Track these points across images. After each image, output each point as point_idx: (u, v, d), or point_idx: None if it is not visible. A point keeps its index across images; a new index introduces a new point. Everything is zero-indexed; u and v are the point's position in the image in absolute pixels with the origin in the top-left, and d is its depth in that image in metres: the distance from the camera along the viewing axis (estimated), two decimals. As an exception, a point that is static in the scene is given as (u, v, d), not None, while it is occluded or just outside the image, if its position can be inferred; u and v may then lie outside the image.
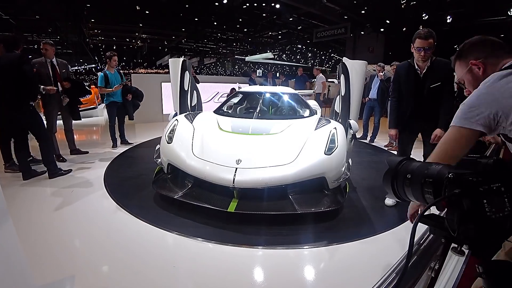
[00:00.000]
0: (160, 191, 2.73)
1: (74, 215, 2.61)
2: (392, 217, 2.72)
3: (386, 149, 5.52)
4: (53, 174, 3.43)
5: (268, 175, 2.46)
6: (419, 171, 0.72)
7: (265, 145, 2.84)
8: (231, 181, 2.38)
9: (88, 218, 2.55)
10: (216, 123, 3.30)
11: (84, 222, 2.48)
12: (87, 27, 20.63)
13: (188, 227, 2.36)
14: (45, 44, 3.89)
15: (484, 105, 0.95)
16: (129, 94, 4.93)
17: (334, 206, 2.52)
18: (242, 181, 2.40)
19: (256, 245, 2.18)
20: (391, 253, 2.12)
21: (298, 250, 2.16)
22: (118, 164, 4.16)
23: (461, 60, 1.20)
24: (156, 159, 3.05)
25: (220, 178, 2.44)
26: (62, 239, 2.21)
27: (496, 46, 1.12)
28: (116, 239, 2.25)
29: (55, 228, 2.37)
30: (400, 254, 1.94)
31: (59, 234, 2.28)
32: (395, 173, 0.78)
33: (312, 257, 2.11)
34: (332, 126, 3.09)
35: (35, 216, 2.57)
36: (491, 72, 1.07)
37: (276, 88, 4.72)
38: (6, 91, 3.11)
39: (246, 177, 2.42)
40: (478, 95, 1.00)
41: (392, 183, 0.78)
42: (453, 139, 1.01)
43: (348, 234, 2.38)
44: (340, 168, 2.68)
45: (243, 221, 2.44)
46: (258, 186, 2.44)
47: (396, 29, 14.36)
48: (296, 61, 34.61)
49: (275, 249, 2.15)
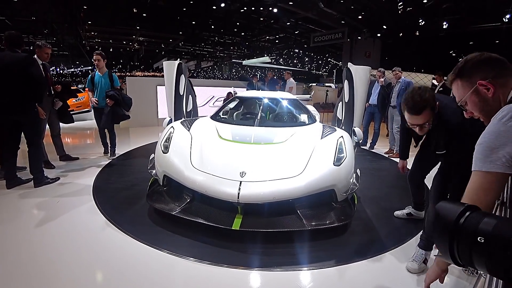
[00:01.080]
0: (155, 205, 2.49)
1: (59, 231, 2.36)
2: (401, 230, 2.57)
3: (387, 155, 5.41)
4: (39, 183, 3.24)
5: (275, 189, 2.26)
6: (501, 234, 0.49)
7: (270, 156, 2.64)
8: (235, 195, 2.18)
9: (73, 235, 2.30)
10: (215, 131, 3.09)
11: (69, 239, 2.25)
12: (84, 29, 20.45)
13: (184, 246, 2.14)
14: (48, 49, 3.69)
15: (508, 145, 0.84)
16: (108, 99, 4.27)
17: (344, 220, 2.35)
18: (247, 195, 2.19)
19: (256, 267, 1.98)
20: (402, 274, 1.97)
21: (303, 272, 1.96)
22: (109, 172, 3.89)
23: (464, 79, 1.05)
24: (150, 170, 2.82)
25: (223, 192, 2.23)
26: (44, 258, 2.01)
27: (503, 64, 1.00)
28: (104, 258, 2.04)
29: (36, 246, 2.14)
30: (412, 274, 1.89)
31: (41, 252, 2.07)
32: (456, 231, 0.57)
33: (319, 281, 1.89)
34: (339, 135, 2.94)
35: (14, 231, 2.32)
36: (501, 94, 0.97)
37: (276, 93, 4.54)
38: (10, 93, 2.94)
39: (251, 191, 2.22)
40: (497, 134, 0.87)
41: (450, 244, 0.58)
42: (483, 187, 0.88)
43: (356, 252, 2.19)
44: (349, 179, 2.53)
45: (244, 239, 2.24)
46: (265, 201, 2.23)
47: (393, 34, 14.42)
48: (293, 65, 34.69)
49: (276, 271, 1.95)
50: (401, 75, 5.31)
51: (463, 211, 0.58)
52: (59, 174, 3.68)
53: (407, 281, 1.91)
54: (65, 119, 4.14)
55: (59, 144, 4.24)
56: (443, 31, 11.90)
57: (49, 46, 3.70)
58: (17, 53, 3.03)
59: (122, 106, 4.39)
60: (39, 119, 3.25)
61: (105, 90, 4.34)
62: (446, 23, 11.36)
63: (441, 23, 11.46)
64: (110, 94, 4.25)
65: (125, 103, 4.43)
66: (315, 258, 2.09)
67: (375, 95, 5.54)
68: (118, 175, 3.76)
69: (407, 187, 2.77)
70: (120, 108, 4.39)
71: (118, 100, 4.29)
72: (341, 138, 2.85)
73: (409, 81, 5.27)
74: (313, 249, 2.21)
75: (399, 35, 14.04)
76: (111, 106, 4.28)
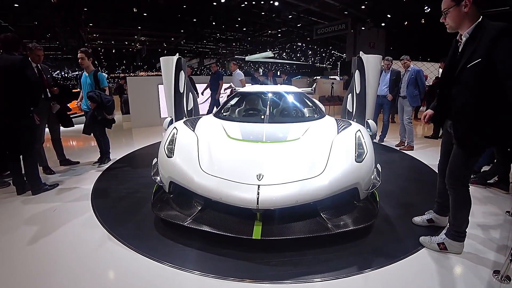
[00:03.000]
0: (162, 215, 2.25)
1: (54, 244, 2.19)
2: (423, 230, 2.37)
3: (398, 148, 5.19)
4: (37, 191, 3.14)
5: (297, 191, 2.05)
6: None
7: (286, 155, 2.43)
8: (254, 201, 1.96)
9: (70, 249, 2.14)
10: (223, 130, 2.86)
11: (66, 253, 2.09)
12: (86, 31, 20.49)
13: (196, 260, 1.95)
14: (40, 50, 3.55)
15: None
16: (89, 101, 3.87)
17: (370, 220, 2.17)
18: (267, 200, 1.98)
19: (282, 280, 1.76)
20: (429, 277, 1.80)
21: (323, 283, 1.74)
22: (110, 177, 3.70)
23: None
24: (154, 177, 2.59)
25: (240, 198, 2.01)
26: (39, 275, 1.89)
27: None
28: (104, 277, 1.88)
29: (31, 260, 2.00)
30: (441, 277, 1.74)
31: (37, 268, 1.92)
32: None
33: None
34: (356, 128, 2.76)
35: (7, 244, 2.17)
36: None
37: (281, 87, 4.33)
38: (6, 96, 2.86)
39: (271, 195, 2.01)
40: None
41: None
42: None
43: (378, 257, 2.00)
44: (370, 176, 2.36)
45: (257, 248, 2.05)
46: (287, 205, 2.03)
47: (398, 23, 14.04)
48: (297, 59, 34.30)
49: (296, 283, 1.75)
50: (409, 64, 5.07)
51: None
52: (58, 179, 3.58)
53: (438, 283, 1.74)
54: (64, 122, 4.03)
55: (59, 149, 4.14)
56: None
57: (40, 48, 3.56)
58: (13, 56, 2.94)
59: (102, 108, 3.93)
60: (34, 124, 3.14)
61: None
62: (454, 8, 10.97)
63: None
64: (88, 95, 3.85)
65: (104, 106, 3.90)
66: (337, 266, 1.90)
67: (384, 85, 5.32)
68: (118, 181, 3.54)
69: (423, 180, 2.59)
70: (101, 111, 3.93)
71: (97, 102, 3.87)
72: (358, 132, 2.68)
73: (419, 69, 5.03)
74: (335, 255, 2.01)
75: (404, 23, 13.64)
76: (93, 109, 3.92)
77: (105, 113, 3.98)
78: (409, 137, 5.10)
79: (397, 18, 13.46)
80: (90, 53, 4.03)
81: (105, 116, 4.00)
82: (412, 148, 5.05)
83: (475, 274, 1.83)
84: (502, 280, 1.74)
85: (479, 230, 2.39)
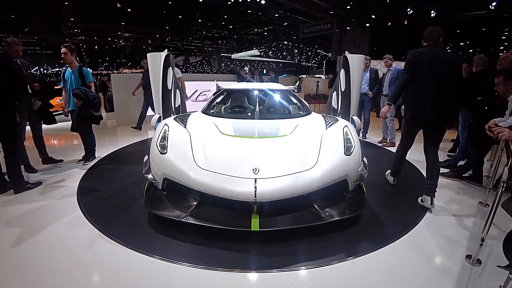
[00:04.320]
0: (157, 212, 2.25)
1: (43, 243, 2.16)
2: (405, 218, 2.56)
3: (380, 145, 5.37)
4: (20, 189, 3.05)
5: (292, 183, 2.15)
6: None
7: (279, 149, 2.52)
8: (252, 194, 2.03)
9: (61, 247, 2.11)
10: (215, 127, 2.91)
11: (57, 252, 2.07)
12: (67, 26, 19.81)
13: (197, 254, 1.99)
14: (18, 45, 3.38)
15: None
16: (75, 99, 3.80)
17: (360, 209, 2.33)
18: (264, 193, 2.06)
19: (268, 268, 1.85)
20: (410, 262, 1.95)
21: (312, 270, 1.84)
22: (95, 177, 3.61)
23: None
24: (146, 175, 2.57)
25: (239, 192, 2.07)
26: (32, 274, 1.87)
27: None
28: (104, 274, 1.90)
29: (18, 262, 1.96)
30: (421, 261, 1.91)
31: (26, 268, 1.90)
32: None
33: (330, 276, 1.79)
34: (343, 124, 2.90)
35: None
36: None
37: (268, 84, 4.38)
38: None
39: (268, 188, 2.09)
40: None
41: None
42: None
43: (372, 241, 2.16)
44: (358, 168, 2.51)
45: (255, 241, 2.13)
46: (283, 197, 2.11)
47: (382, 24, 14.37)
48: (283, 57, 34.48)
49: (285, 271, 1.83)
50: (392, 63, 5.25)
51: None
52: (41, 178, 3.50)
53: (425, 267, 1.88)
54: (46, 119, 3.92)
55: (42, 147, 4.03)
56: (431, 20, 11.91)
57: (18, 43, 3.41)
58: None
59: (89, 106, 3.89)
60: (15, 120, 3.05)
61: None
62: (434, 11, 11.39)
63: (429, 11, 11.47)
64: (74, 92, 3.78)
65: (90, 103, 3.86)
66: (328, 253, 2.01)
67: (364, 83, 5.48)
68: (103, 181, 3.43)
69: (402, 172, 3.23)
70: (87, 109, 3.88)
71: (83, 99, 3.81)
72: (346, 127, 2.81)
73: (400, 68, 5.21)
74: (322, 244, 2.11)
75: (388, 24, 13.99)
76: (79, 106, 3.86)
77: (92, 110, 3.92)
78: (391, 134, 5.29)
79: (381, 18, 13.77)
80: (73, 48, 3.92)
81: (92, 114, 3.94)
82: (394, 145, 5.24)
83: (450, 259, 1.99)
84: (474, 264, 1.90)
85: (455, 219, 2.57)
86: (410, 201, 2.90)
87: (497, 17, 11.29)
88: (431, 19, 11.79)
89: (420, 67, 2.57)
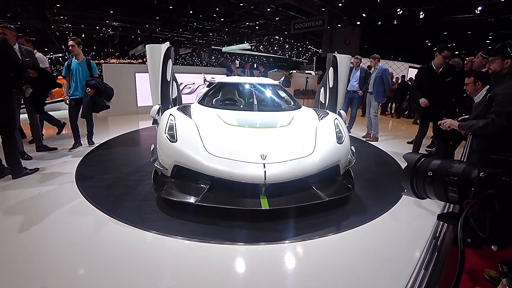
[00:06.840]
0: (170, 198, 2.44)
1: (52, 228, 2.24)
2: (386, 199, 2.95)
3: (364, 139, 5.65)
4: (17, 174, 3.13)
5: (296, 167, 2.47)
6: (442, 169, 0.73)
7: (280, 138, 2.84)
8: (262, 177, 2.31)
9: (69, 231, 2.21)
10: (218, 117, 3.12)
11: (67, 235, 2.15)
12: (52, 12, 19.16)
13: (211, 231, 2.25)
14: (4, 28, 3.45)
15: None
16: (88, 89, 4.11)
17: (352, 188, 2.74)
18: (273, 176, 2.35)
19: (251, 242, 2.14)
20: (387, 235, 2.36)
21: (303, 243, 2.15)
22: (91, 164, 3.72)
23: None
24: (154, 163, 2.74)
25: (250, 176, 2.34)
26: (33, 249, 1.99)
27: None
28: (92, 243, 2.05)
29: (27, 247, 2.00)
30: (398, 233, 2.30)
31: (35, 253, 1.93)
32: (414, 171, 0.79)
33: (317, 248, 2.12)
34: (333, 117, 3.27)
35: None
36: None
37: (261, 79, 4.69)
38: None
39: (275, 171, 2.38)
40: None
41: (411, 181, 0.80)
42: None
43: (358, 217, 2.54)
44: (348, 155, 2.89)
45: (248, 219, 2.39)
46: (289, 179, 2.42)
47: (372, 23, 14.65)
48: (274, 52, 34.51)
49: (269, 244, 2.11)
50: (377, 63, 5.49)
51: (420, 157, 0.81)
52: (37, 165, 3.56)
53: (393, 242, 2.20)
54: (36, 108, 3.92)
55: (37, 134, 4.09)
56: (419, 21, 12.28)
57: (13, 28, 3.49)
58: None
59: (103, 96, 4.26)
60: (12, 106, 3.11)
61: (83, 79, 4.18)
62: (423, 13, 11.72)
63: (418, 13, 11.80)
64: (92, 83, 4.09)
65: (106, 93, 4.28)
66: (322, 227, 2.34)
67: (354, 81, 5.72)
68: (102, 171, 3.50)
69: (383, 163, 3.85)
70: (101, 98, 4.25)
71: (100, 90, 4.17)
72: (336, 119, 3.18)
73: (385, 68, 5.48)
74: (321, 220, 2.46)
75: (378, 23, 14.29)
76: (91, 95, 4.14)
77: (105, 100, 4.25)
78: (374, 129, 5.57)
79: (371, 17, 14.04)
80: (80, 41, 4.15)
81: (105, 102, 4.27)
82: (377, 139, 5.54)
83: (424, 227, 2.39)
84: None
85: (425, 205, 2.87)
86: (389, 186, 3.35)
87: (482, 21, 11.72)
88: (420, 20, 12.16)
89: None
